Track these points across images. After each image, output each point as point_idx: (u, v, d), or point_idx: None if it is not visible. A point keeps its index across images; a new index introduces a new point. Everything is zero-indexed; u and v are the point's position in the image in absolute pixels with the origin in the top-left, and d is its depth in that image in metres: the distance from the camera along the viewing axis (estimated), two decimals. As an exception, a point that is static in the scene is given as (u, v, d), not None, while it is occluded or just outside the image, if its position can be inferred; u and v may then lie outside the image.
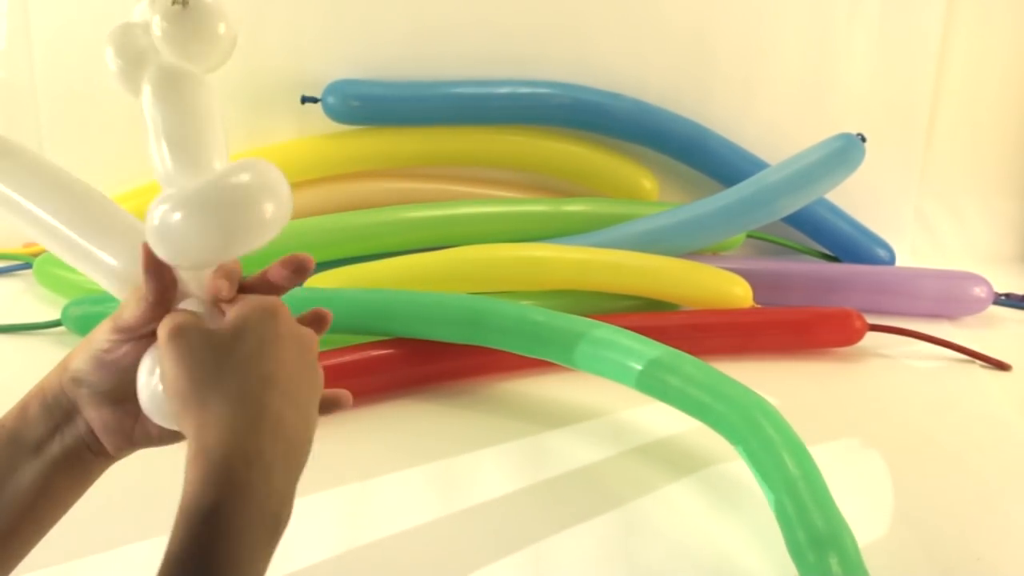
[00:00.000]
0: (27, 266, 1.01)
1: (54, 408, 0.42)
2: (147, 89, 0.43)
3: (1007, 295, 1.02)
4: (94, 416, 0.42)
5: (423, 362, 0.78)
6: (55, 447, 0.42)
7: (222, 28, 0.43)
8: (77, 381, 0.42)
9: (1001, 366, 0.86)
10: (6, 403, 0.77)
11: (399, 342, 0.77)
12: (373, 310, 0.76)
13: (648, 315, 0.88)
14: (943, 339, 0.88)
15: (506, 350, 0.73)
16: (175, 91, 0.43)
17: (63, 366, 0.43)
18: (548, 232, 0.97)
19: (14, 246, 1.08)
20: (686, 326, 0.86)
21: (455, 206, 0.98)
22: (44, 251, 0.99)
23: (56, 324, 0.86)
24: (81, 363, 0.42)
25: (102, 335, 0.42)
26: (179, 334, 0.39)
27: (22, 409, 0.42)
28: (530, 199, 1.05)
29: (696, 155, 1.06)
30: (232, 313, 0.40)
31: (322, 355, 0.81)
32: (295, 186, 1.30)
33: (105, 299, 0.83)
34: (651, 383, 0.65)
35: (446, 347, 0.76)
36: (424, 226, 0.96)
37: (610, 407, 0.75)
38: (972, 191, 1.17)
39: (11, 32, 1.01)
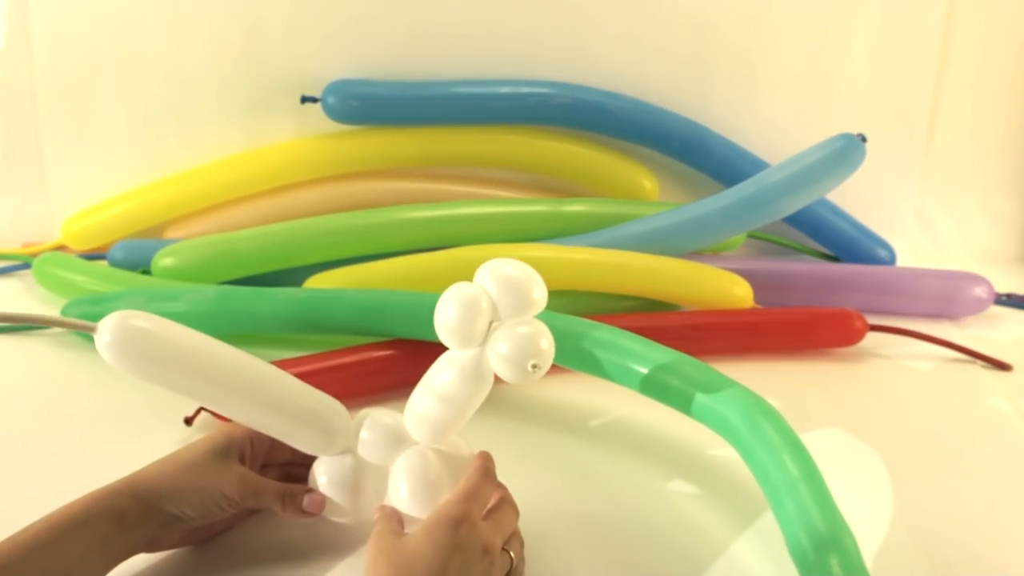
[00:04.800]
0: (26, 266, 1.01)
1: (142, 524, 0.49)
2: (464, 375, 0.53)
3: (1008, 295, 1.02)
4: (162, 535, 0.51)
5: (423, 363, 0.77)
6: (122, 551, 0.49)
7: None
8: (177, 518, 0.51)
9: (1002, 366, 0.86)
10: (5, 403, 0.77)
11: (399, 343, 0.77)
12: (373, 310, 0.76)
13: (648, 315, 0.87)
14: (944, 339, 0.88)
15: (506, 350, 0.73)
16: (482, 392, 0.53)
17: (166, 485, 0.51)
18: (548, 232, 0.96)
19: (14, 246, 1.08)
20: (686, 326, 0.85)
21: (455, 206, 0.98)
22: (43, 251, 0.99)
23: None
24: (191, 508, 0.51)
25: (224, 493, 0.52)
26: (377, 538, 0.48)
27: (116, 508, 0.49)
28: (530, 199, 1.05)
29: (696, 155, 1.06)
30: (423, 525, 0.48)
31: (322, 356, 0.81)
32: (295, 186, 1.31)
33: (104, 299, 0.83)
34: (651, 384, 0.65)
35: (446, 348, 0.76)
36: (424, 226, 0.96)
37: (609, 408, 0.75)
38: (973, 191, 1.17)
39: (11, 32, 1.00)
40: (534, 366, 0.49)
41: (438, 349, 0.77)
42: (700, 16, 1.05)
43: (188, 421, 0.68)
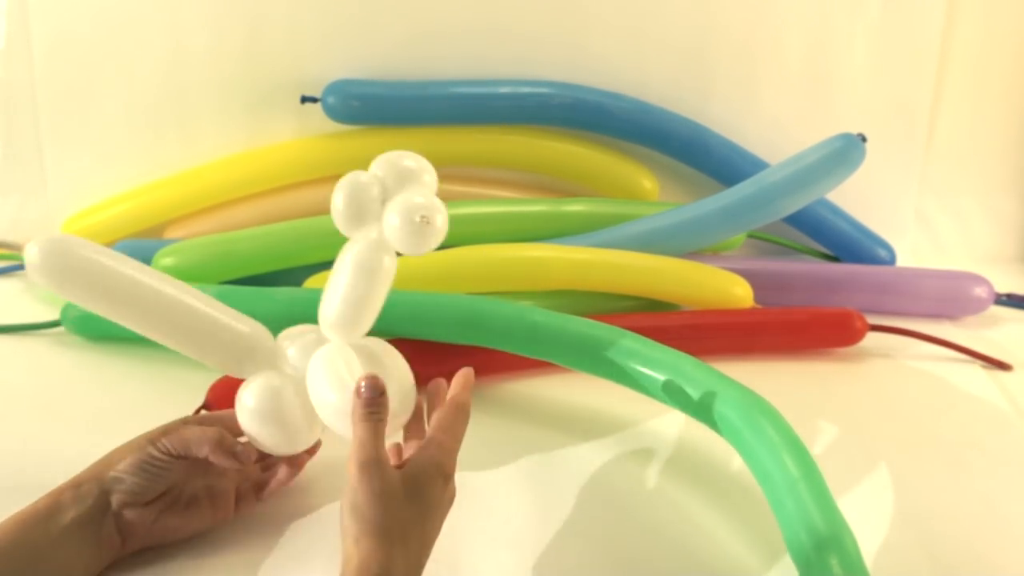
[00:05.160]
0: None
1: (86, 496, 0.51)
2: (358, 253, 0.56)
3: (1008, 295, 1.02)
4: (124, 511, 0.52)
5: (423, 362, 0.77)
6: (80, 530, 0.50)
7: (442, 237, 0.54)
8: (118, 480, 0.52)
9: (1002, 366, 0.86)
10: (6, 403, 0.77)
11: (399, 342, 0.76)
12: (373, 310, 0.76)
13: (648, 315, 0.87)
14: (944, 339, 0.88)
15: (506, 350, 0.73)
16: (380, 268, 0.55)
17: (107, 463, 0.53)
18: (548, 232, 0.96)
19: (14, 246, 1.08)
20: (686, 326, 0.85)
21: (455, 206, 0.98)
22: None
23: (55, 324, 0.86)
24: (126, 467, 0.52)
25: (152, 449, 0.53)
26: (368, 470, 0.47)
27: (57, 493, 0.51)
28: (530, 199, 1.05)
29: (696, 155, 1.06)
30: (413, 463, 0.49)
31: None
32: (295, 186, 1.31)
33: (105, 299, 0.83)
34: (651, 383, 0.65)
35: (446, 347, 0.76)
36: (424, 226, 0.95)
37: (609, 408, 0.75)
38: (973, 191, 1.17)
39: (11, 32, 1.00)
40: (422, 217, 0.53)
41: (439, 349, 0.77)
42: (700, 16, 1.05)
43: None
